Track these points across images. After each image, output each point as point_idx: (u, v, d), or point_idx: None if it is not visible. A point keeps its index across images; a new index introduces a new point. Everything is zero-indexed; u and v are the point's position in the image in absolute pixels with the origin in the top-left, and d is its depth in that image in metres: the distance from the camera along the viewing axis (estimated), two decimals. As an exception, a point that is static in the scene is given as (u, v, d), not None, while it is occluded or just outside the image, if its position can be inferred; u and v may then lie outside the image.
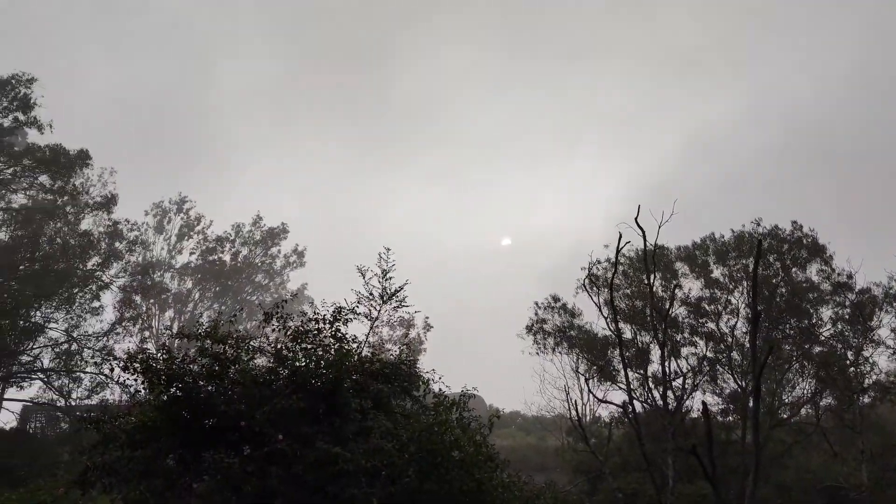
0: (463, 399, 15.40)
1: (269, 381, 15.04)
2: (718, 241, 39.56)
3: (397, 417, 14.85)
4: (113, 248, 40.95)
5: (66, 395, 39.82)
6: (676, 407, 35.00)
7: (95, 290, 40.07)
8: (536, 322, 39.16)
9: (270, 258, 69.81)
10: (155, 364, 14.31)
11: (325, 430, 13.61)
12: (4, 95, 37.65)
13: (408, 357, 17.09)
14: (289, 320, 15.59)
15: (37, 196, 40.47)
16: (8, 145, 38.65)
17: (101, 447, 14.02)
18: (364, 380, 15.03)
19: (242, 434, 13.76)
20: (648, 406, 36.22)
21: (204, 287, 65.56)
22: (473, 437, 14.91)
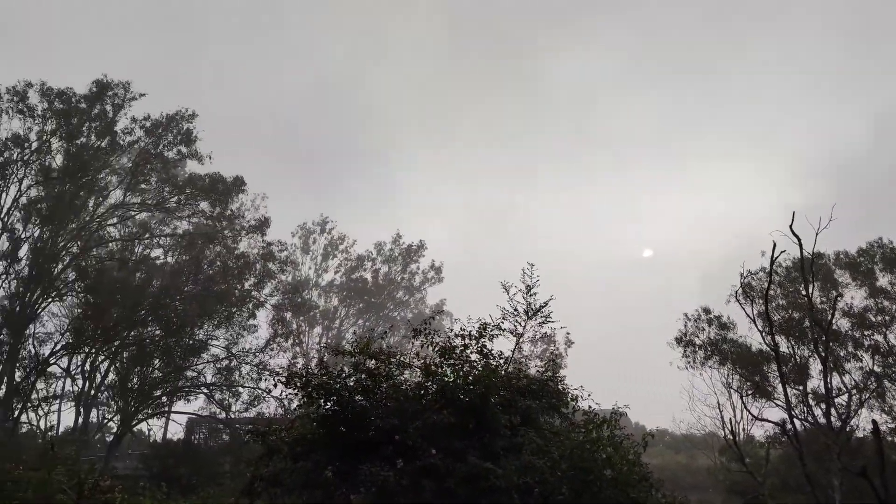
0: (614, 416, 15.05)
1: (418, 395, 15.35)
2: (887, 247, 36.79)
3: (546, 434, 14.71)
4: (266, 268, 43.27)
5: (226, 408, 42.32)
6: (841, 425, 32.64)
7: (251, 309, 42.49)
8: (686, 334, 37.76)
9: (410, 275, 71.50)
10: (313, 379, 14.93)
11: (475, 446, 13.70)
12: (169, 131, 40.89)
13: (554, 373, 16.94)
14: (435, 336, 15.83)
15: (198, 222, 43.51)
16: (172, 176, 41.88)
17: (265, 459, 14.79)
18: (511, 396, 15.03)
19: (396, 447, 14.09)
20: (809, 424, 33.97)
21: (349, 304, 68.03)
22: (626, 455, 14.53)
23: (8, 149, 38.33)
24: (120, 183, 41.30)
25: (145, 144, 40.86)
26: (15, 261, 38.28)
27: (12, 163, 38.40)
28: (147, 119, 40.72)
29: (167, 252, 44.75)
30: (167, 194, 41.90)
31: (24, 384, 38.34)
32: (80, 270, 38.97)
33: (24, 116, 38.74)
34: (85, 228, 40.56)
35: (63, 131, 39.21)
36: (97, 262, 40.60)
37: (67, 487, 16.89)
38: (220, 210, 41.55)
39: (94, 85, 39.94)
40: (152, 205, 42.30)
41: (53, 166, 39.61)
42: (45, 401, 41.69)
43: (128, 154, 41.29)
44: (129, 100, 40.44)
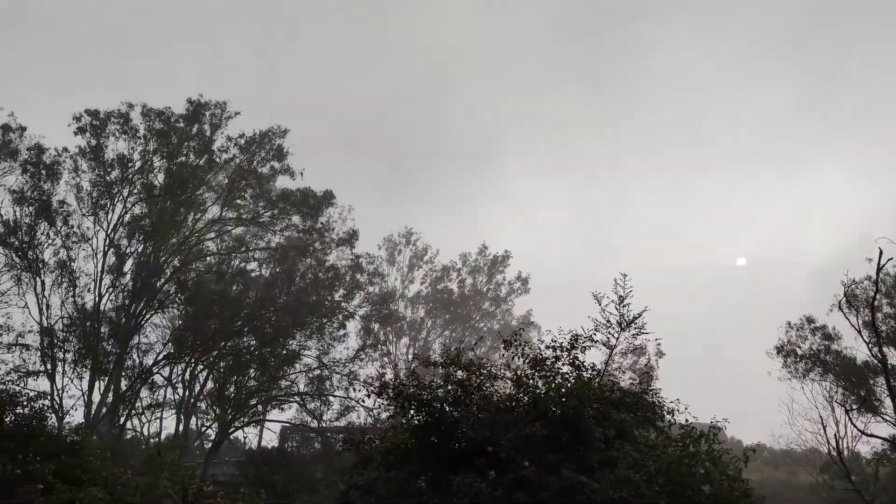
0: (712, 431, 14.62)
1: (509, 407, 15.33)
2: None
3: (642, 448, 14.42)
4: (355, 280, 44.13)
5: (318, 417, 43.27)
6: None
7: (342, 320, 43.38)
8: (788, 343, 36.27)
9: (495, 286, 71.42)
10: (405, 390, 15.12)
11: (569, 459, 13.56)
12: (262, 147, 42.37)
13: (648, 386, 16.62)
14: (526, 347, 15.78)
15: (290, 235, 44.80)
16: (266, 191, 43.32)
17: (359, 468, 15.06)
18: (605, 409, 14.82)
19: (488, 459, 14.10)
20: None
21: (434, 315, 68.46)
22: (725, 470, 14.08)
23: (114, 169, 40.49)
24: (217, 199, 42.99)
25: (240, 161, 42.46)
26: (121, 275, 40.34)
27: (117, 182, 40.53)
28: (241, 136, 42.38)
29: (261, 265, 46.26)
30: (261, 209, 43.36)
31: (129, 392, 40.24)
32: (181, 283, 40.71)
33: (128, 138, 40.87)
34: (185, 243, 42.39)
35: (164, 151, 41.19)
36: (196, 275, 42.33)
37: (173, 492, 17.62)
38: (311, 223, 42.67)
39: (190, 105, 41.79)
40: (247, 219, 43.83)
41: (155, 184, 41.59)
42: (149, 408, 43.61)
43: (224, 171, 42.95)
44: (225, 119, 42.16)
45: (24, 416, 18.86)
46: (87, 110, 40.37)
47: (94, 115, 40.42)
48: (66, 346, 38.41)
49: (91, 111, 40.38)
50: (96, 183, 40.16)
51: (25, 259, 38.16)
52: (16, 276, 37.98)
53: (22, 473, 16.33)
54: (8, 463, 16.43)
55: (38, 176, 39.04)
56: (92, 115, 40.37)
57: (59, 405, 37.07)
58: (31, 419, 18.89)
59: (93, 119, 40.35)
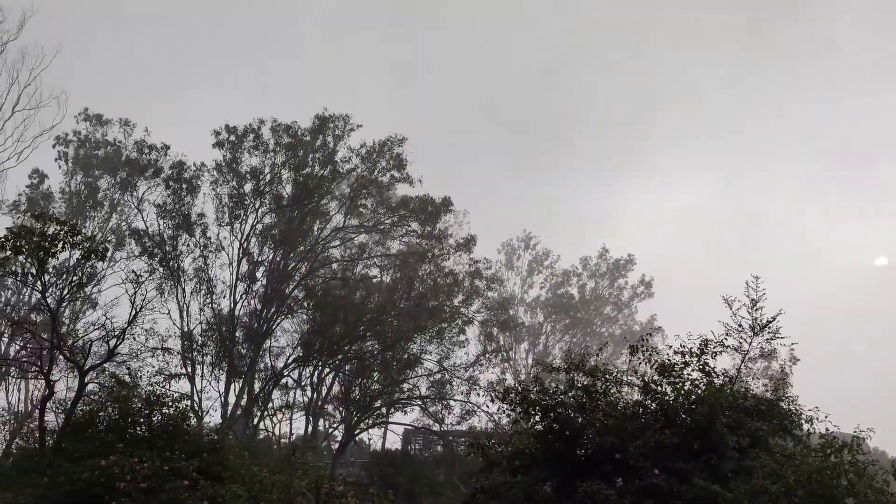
0: (855, 440, 13.85)
1: (636, 413, 15.09)
2: None
3: (778, 457, 13.84)
4: (474, 286, 44.50)
5: (439, 421, 43.88)
6: None
7: (461, 325, 43.87)
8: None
9: (618, 290, 70.24)
10: (529, 395, 15.18)
11: (700, 467, 13.22)
12: (382, 156, 43.52)
13: (783, 393, 15.93)
14: (653, 353, 15.49)
15: (409, 241, 45.76)
16: (386, 199, 44.45)
17: (485, 471, 15.23)
18: (738, 416, 14.34)
19: (616, 466, 13.95)
20: None
21: (554, 320, 68.04)
22: (871, 483, 13.30)
23: (246, 181, 42.73)
24: (340, 208, 44.51)
25: (361, 171, 43.78)
26: (253, 282, 42.46)
27: (250, 194, 42.72)
28: (363, 147, 43.63)
29: (382, 271, 47.43)
30: (382, 216, 44.54)
31: (261, 394, 42.23)
32: (308, 289, 42.40)
33: (260, 152, 43.03)
34: (311, 251, 44.10)
35: (291, 163, 43.04)
36: (322, 281, 43.96)
37: (307, 490, 18.36)
38: (430, 229, 43.38)
39: (315, 119, 43.48)
40: (369, 227, 45.12)
41: (283, 195, 43.51)
42: (280, 410, 45.58)
43: (347, 181, 44.40)
44: (347, 131, 43.59)
45: (169, 416, 20.06)
46: (227, 126, 42.86)
47: (232, 130, 42.82)
48: (205, 350, 40.74)
49: (230, 127, 42.83)
50: (231, 195, 42.49)
51: (168, 268, 40.79)
52: (159, 284, 40.60)
53: (170, 469, 17.40)
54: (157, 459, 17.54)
55: (180, 191, 41.72)
56: (230, 131, 42.80)
57: (199, 406, 39.35)
58: (176, 419, 20.06)
59: (230, 134, 42.75)
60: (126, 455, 17.29)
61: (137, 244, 41.54)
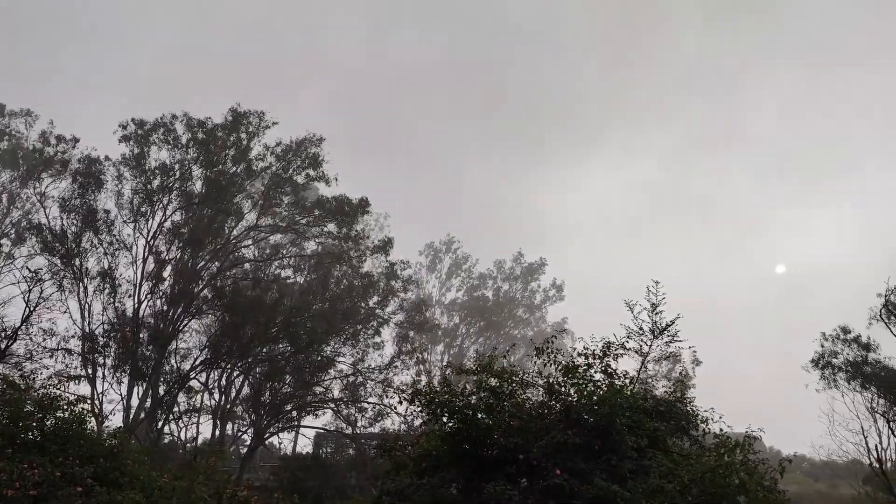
0: (748, 440, 14.42)
1: (541, 414, 15.31)
2: None
3: (675, 457, 14.29)
4: (389, 286, 44.36)
5: (352, 424, 43.56)
6: None
7: (376, 327, 43.67)
8: (823, 356, 35.66)
9: (530, 293, 71.46)
10: (437, 397, 15.18)
11: (601, 467, 13.51)
12: (298, 155, 42.86)
13: (682, 394, 16.49)
14: (558, 354, 15.76)
15: (325, 242, 45.20)
16: (301, 199, 43.71)
17: (392, 474, 15.15)
18: (638, 417, 14.73)
19: (520, 467, 14.09)
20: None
21: (469, 322, 68.66)
22: (761, 481, 13.89)
23: (155, 177, 41.30)
24: (253, 206, 43.54)
25: (276, 169, 42.97)
26: (160, 281, 41.03)
27: (158, 190, 41.30)
28: (278, 145, 42.87)
29: (296, 272, 46.70)
30: (297, 216, 43.77)
31: (166, 397, 40.88)
32: (218, 290, 41.25)
33: (170, 147, 41.64)
34: (222, 250, 42.97)
35: (203, 159, 41.83)
36: (233, 281, 42.88)
37: (208, 496, 17.87)
38: (346, 231, 42.96)
39: (230, 114, 42.42)
40: (283, 227, 44.31)
41: (194, 192, 42.25)
42: (186, 413, 44.28)
43: (261, 179, 43.51)
44: (262, 128, 42.70)
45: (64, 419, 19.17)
46: (134, 119, 41.29)
47: (140, 124, 41.28)
48: (107, 352, 39.14)
49: (137, 120, 41.26)
50: (137, 191, 40.98)
51: (70, 266, 39.01)
52: (58, 282, 38.77)
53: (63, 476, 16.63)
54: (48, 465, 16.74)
55: (87, 185, 39.98)
56: (138, 124, 41.24)
57: (99, 409, 37.77)
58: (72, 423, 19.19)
59: (138, 128, 41.20)
60: (15, 461, 16.44)
61: (38, 240, 39.53)
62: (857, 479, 44.03)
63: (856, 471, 44.30)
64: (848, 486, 46.98)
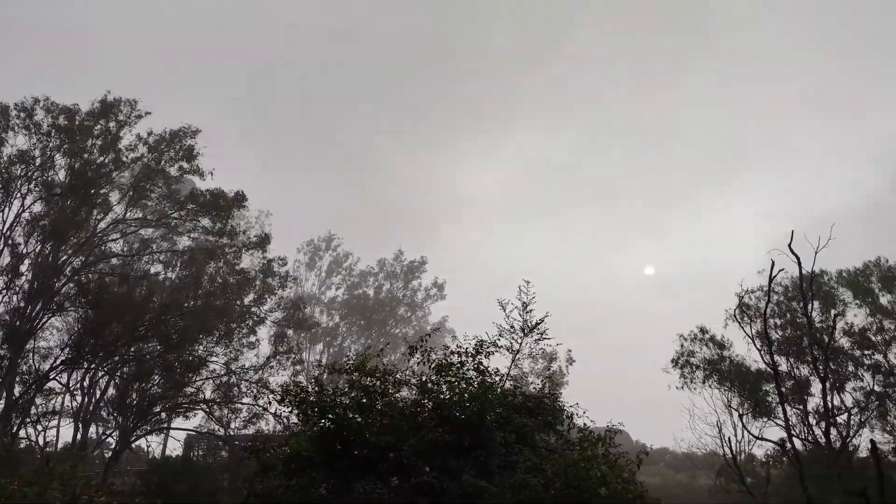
0: (609, 434, 15.03)
1: (414, 413, 15.37)
2: (884, 267, 36.80)
3: (542, 452, 14.70)
4: (266, 284, 43.29)
5: (225, 425, 42.20)
6: (842, 445, 32.52)
7: (252, 325, 42.48)
8: (682, 355, 37.73)
9: (412, 291, 71.65)
10: (308, 397, 14.95)
11: (470, 464, 13.70)
12: (172, 146, 41.08)
13: (551, 391, 16.96)
14: (432, 353, 15.88)
15: (199, 238, 43.55)
16: (174, 192, 41.91)
17: (259, 475, 14.79)
18: (507, 413, 15.05)
19: (390, 465, 14.09)
20: (810, 444, 33.85)
21: (350, 321, 68.12)
22: (621, 473, 14.51)
23: (13, 164, 38.52)
24: (122, 199, 41.42)
25: (148, 161, 41.02)
26: (17, 275, 38.33)
27: (16, 179, 38.57)
28: (150, 135, 40.96)
29: (168, 268, 44.82)
30: (168, 210, 41.95)
31: (22, 399, 38.25)
32: (82, 285, 38.97)
33: (30, 133, 38.96)
34: (87, 244, 40.62)
35: (67, 148, 39.40)
36: (98, 277, 40.61)
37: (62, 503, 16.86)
38: (221, 226, 41.60)
39: (99, 102, 40.20)
40: (153, 221, 42.39)
41: (57, 182, 39.73)
42: (45, 416, 41.58)
43: (131, 170, 41.46)
44: (135, 117, 40.69)
45: None
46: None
47: (0, 108, 38.47)
48: (-44, 351, 36.27)
49: (-6, 104, 38.40)
50: (-9, 179, 38.14)
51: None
52: None
53: None
54: None
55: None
56: (-5, 108, 38.39)
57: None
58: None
59: (-7, 112, 38.35)
60: None
61: None
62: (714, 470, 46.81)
63: (713, 462, 47.07)
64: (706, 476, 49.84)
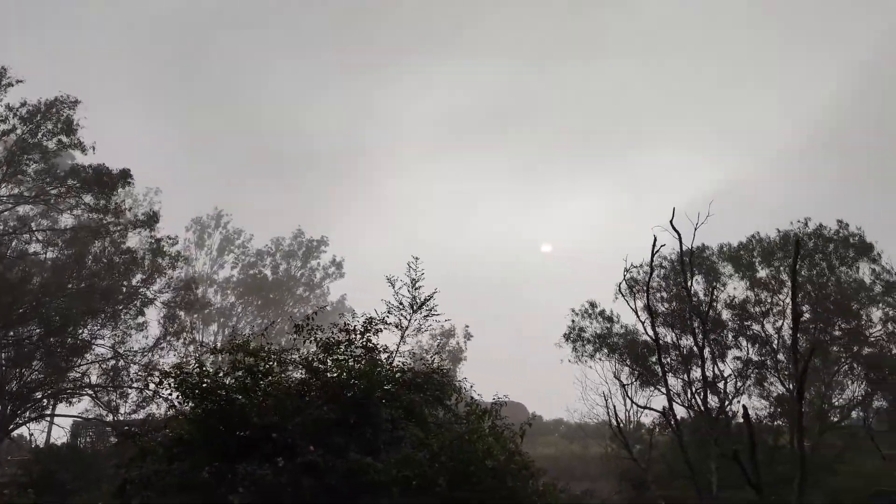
0: (495, 407, 15.28)
1: (301, 392, 15.16)
2: (764, 241, 38.86)
3: (430, 427, 14.80)
4: (156, 264, 41.71)
5: (113, 411, 40.67)
6: (720, 411, 34.36)
7: (140, 307, 40.93)
8: (574, 329, 38.87)
9: (310, 270, 70.74)
10: (189, 379, 14.50)
11: (357, 441, 13.64)
12: (49, 119, 38.68)
13: (440, 366, 17.08)
14: (318, 332, 15.69)
15: (82, 216, 41.47)
16: (53, 167, 39.55)
17: (137, 461, 14.27)
18: (396, 389, 15.06)
19: (276, 446, 13.87)
20: (693, 412, 35.62)
21: (246, 301, 66.67)
22: (506, 445, 14.79)
23: None
24: (-6, 174, 38.84)
25: (22, 133, 38.49)
26: None
27: None
28: (23, 105, 38.35)
29: (48, 247, 42.43)
30: (47, 186, 39.62)
31: None
32: (-50, 267, 36.56)
33: None
34: (-45, 223, 38.07)
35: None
36: (-30, 257, 38.13)
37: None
38: (106, 203, 39.63)
39: (-40, 70, 37.45)
40: (30, 197, 40.02)
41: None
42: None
43: (3, 143, 38.87)
44: (4, 86, 38.09)
45: None
46: None
47: None
48: None
49: None
50: None
51: None
52: None
53: None
54: None
55: None
56: None
57: None
58: None
59: None
60: None
61: None
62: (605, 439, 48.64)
63: (603, 432, 48.92)
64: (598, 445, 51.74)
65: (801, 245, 35.03)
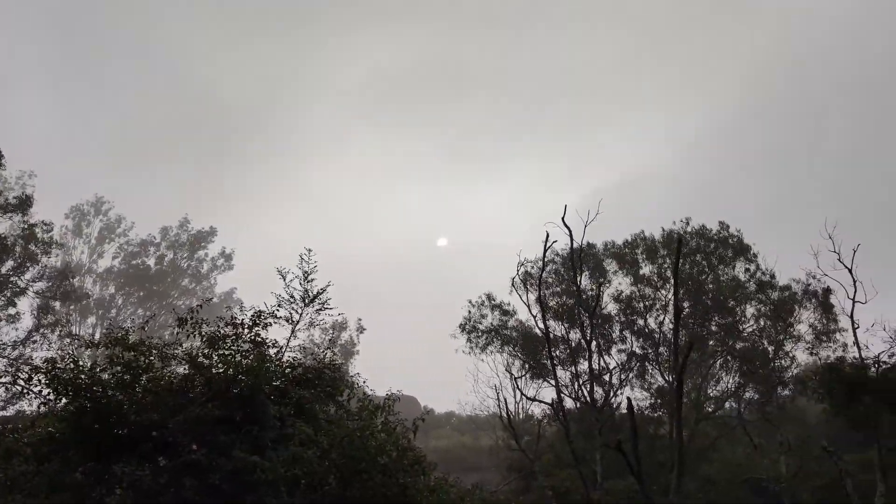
0: (388, 402, 15.10)
1: (185, 389, 14.51)
2: (648, 240, 40.33)
3: (321, 424, 14.46)
4: (28, 251, 39.14)
5: (-23, 407, 37.99)
6: (605, 403, 35.48)
7: (10, 297, 38.38)
8: (470, 321, 39.22)
9: (197, 261, 68.22)
10: (62, 374, 13.59)
11: (242, 439, 13.15)
12: None
13: (332, 361, 16.73)
14: (204, 325, 15.03)
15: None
16: (-88, 147, 36.37)
17: (2, 462, 13.27)
18: (286, 385, 14.64)
19: (156, 444, 13.22)
20: (580, 403, 36.62)
21: (127, 292, 63.63)
22: (399, 441, 14.63)
23: None
24: None
25: None
26: None
27: None
28: None
29: None
30: None
31: None
32: None
33: None
34: None
35: None
36: None
37: None
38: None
39: None
40: None
41: None
42: None
43: None
44: None
45: None
46: None
47: None
48: None
49: None
50: None
51: None
52: None
53: None
54: None
55: None
56: None
57: None
58: None
59: None
60: None
61: None
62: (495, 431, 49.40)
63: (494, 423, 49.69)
64: (488, 437, 52.54)
65: (684, 244, 36.61)
